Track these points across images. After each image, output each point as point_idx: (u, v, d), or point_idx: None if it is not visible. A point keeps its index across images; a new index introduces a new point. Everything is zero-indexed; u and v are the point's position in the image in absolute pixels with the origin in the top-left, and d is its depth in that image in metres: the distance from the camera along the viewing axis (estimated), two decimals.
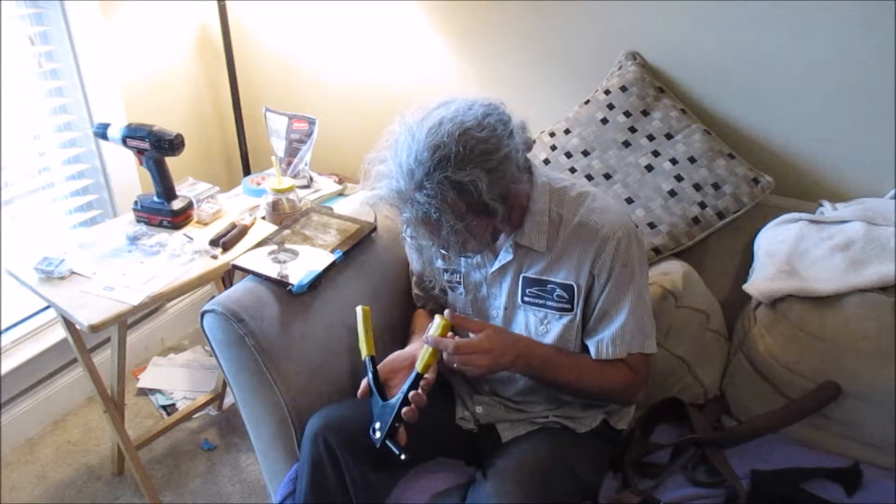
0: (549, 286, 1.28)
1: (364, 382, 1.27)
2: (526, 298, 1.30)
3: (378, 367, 1.28)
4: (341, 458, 1.25)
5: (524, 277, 1.29)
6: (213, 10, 2.10)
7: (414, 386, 1.21)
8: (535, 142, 1.19)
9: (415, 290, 1.52)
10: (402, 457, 1.19)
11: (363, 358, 1.29)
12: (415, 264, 1.48)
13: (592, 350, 1.28)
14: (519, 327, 1.33)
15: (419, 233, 1.18)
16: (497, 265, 1.31)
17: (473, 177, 1.10)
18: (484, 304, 1.37)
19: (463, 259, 1.36)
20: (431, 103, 1.18)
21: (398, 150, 1.14)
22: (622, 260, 1.23)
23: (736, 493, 1.27)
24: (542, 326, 1.30)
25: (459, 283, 1.39)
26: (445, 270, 1.41)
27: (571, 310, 1.27)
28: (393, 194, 1.14)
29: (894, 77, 1.53)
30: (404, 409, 1.20)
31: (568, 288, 1.26)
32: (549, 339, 1.29)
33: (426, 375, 1.22)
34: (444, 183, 1.09)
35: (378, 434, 1.21)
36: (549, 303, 1.28)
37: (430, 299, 1.50)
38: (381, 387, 1.26)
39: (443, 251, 1.24)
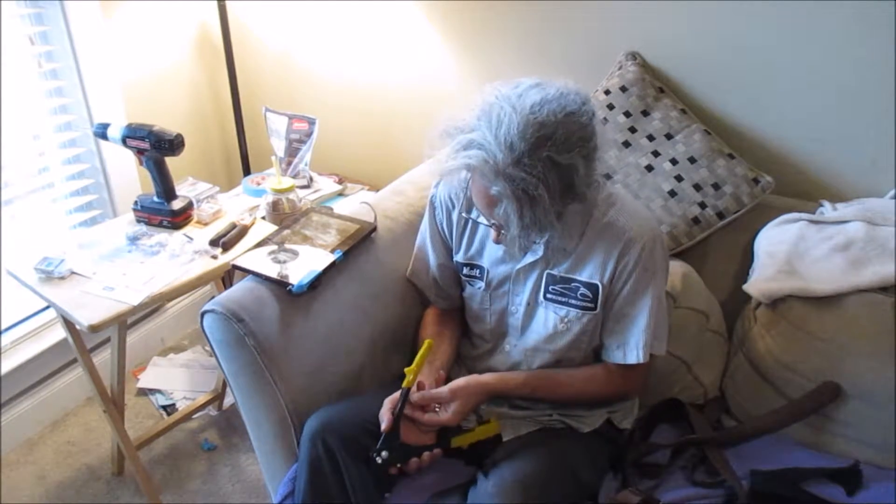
0: (573, 284, 1.28)
1: (392, 406, 1.25)
2: (549, 295, 1.31)
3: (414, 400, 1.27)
4: (340, 458, 1.25)
5: (549, 274, 1.30)
6: (213, 10, 2.10)
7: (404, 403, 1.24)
8: None
9: (427, 286, 1.51)
10: (387, 495, 1.22)
11: (403, 385, 1.25)
12: (432, 259, 1.48)
13: (618, 355, 1.30)
14: (538, 324, 1.33)
15: (505, 208, 1.13)
16: (525, 262, 1.31)
17: (574, 161, 1.10)
18: (503, 300, 1.37)
19: (486, 252, 1.37)
20: (524, 80, 1.15)
21: (495, 121, 1.10)
22: (645, 264, 1.24)
23: (736, 494, 1.27)
24: (563, 324, 1.30)
25: (479, 277, 1.39)
26: (465, 265, 1.41)
27: (594, 308, 1.28)
28: (486, 165, 1.10)
29: (894, 77, 1.53)
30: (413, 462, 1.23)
31: (592, 287, 1.27)
32: (568, 336, 1.31)
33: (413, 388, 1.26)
34: (547, 162, 1.08)
35: (379, 460, 1.21)
36: (573, 301, 1.29)
37: (444, 295, 1.50)
38: (398, 421, 1.25)
39: (513, 231, 1.18)
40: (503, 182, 1.10)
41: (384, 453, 1.21)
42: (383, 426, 1.23)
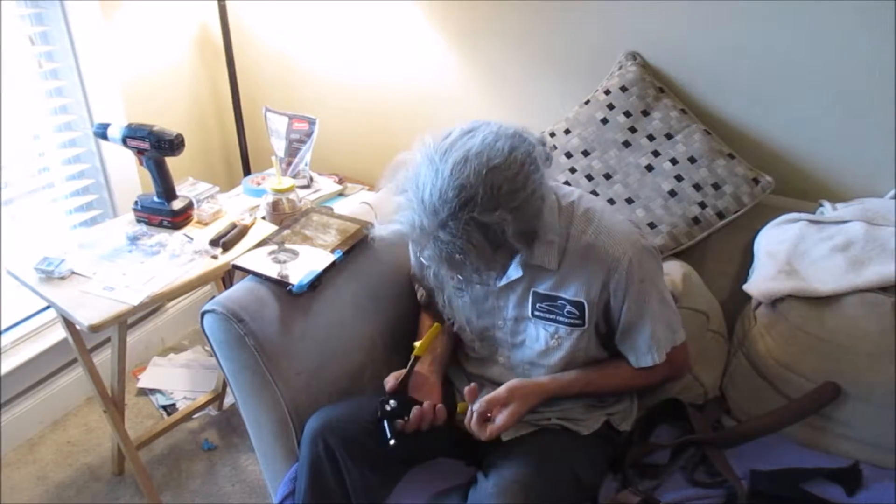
0: (559, 302, 1.28)
1: (397, 374, 1.30)
2: (537, 313, 1.30)
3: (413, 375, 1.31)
4: (340, 459, 1.25)
5: (535, 292, 1.29)
6: (213, 10, 2.10)
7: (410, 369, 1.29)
8: (554, 148, 1.18)
9: (420, 291, 1.52)
10: (391, 442, 1.22)
11: (413, 354, 1.32)
12: (417, 271, 1.49)
13: (632, 360, 1.31)
14: (531, 340, 1.33)
15: (436, 270, 1.19)
16: (505, 281, 1.30)
17: (500, 219, 1.07)
18: (489, 315, 1.36)
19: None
20: (454, 129, 1.13)
21: (420, 184, 1.09)
22: (638, 277, 1.24)
23: (736, 494, 1.27)
24: (554, 340, 1.30)
25: (465, 290, 1.39)
26: (451, 278, 1.40)
27: (583, 325, 1.28)
28: (414, 231, 1.10)
29: (894, 77, 1.53)
30: (414, 410, 1.24)
31: (578, 305, 1.26)
32: (560, 352, 1.30)
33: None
34: (471, 224, 1.06)
35: (388, 407, 1.25)
36: (560, 318, 1.29)
37: (432, 303, 1.50)
38: (407, 382, 1.30)
39: (459, 279, 1.27)
40: (432, 245, 1.11)
41: (392, 402, 1.24)
42: (388, 387, 1.26)
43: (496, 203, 1.06)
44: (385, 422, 1.23)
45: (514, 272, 1.28)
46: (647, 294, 1.25)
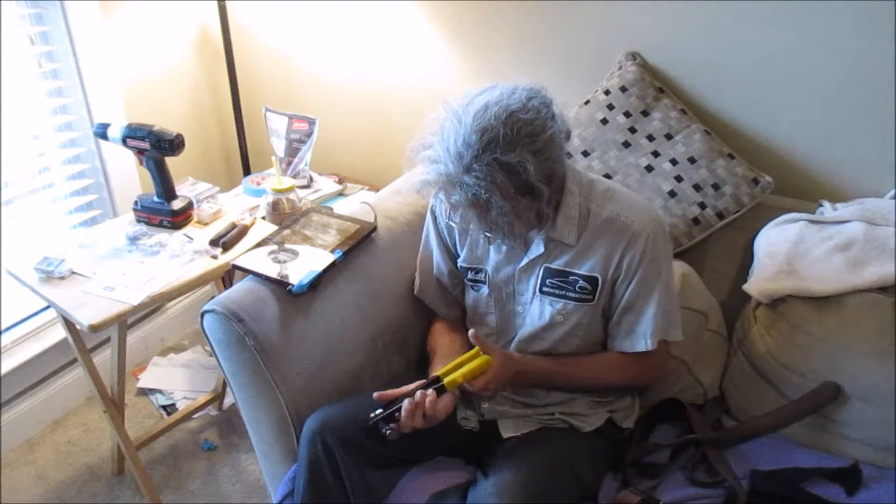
0: (571, 277, 1.29)
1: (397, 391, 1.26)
2: (545, 289, 1.31)
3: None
4: (339, 458, 1.25)
5: (546, 268, 1.31)
6: (213, 10, 2.10)
7: (428, 385, 1.23)
8: (570, 131, 1.23)
9: (436, 300, 1.51)
10: (387, 433, 1.20)
11: (434, 374, 1.26)
12: (443, 267, 1.48)
13: (626, 345, 1.31)
14: (533, 317, 1.34)
15: (468, 216, 1.20)
16: (527, 259, 1.32)
17: (521, 158, 1.12)
18: (508, 301, 1.38)
19: (490, 255, 1.37)
20: (474, 89, 1.19)
21: (445, 135, 1.15)
22: (650, 255, 1.25)
23: (735, 494, 1.27)
24: (560, 316, 1.31)
25: (483, 282, 1.39)
26: (469, 269, 1.41)
27: (592, 300, 1.29)
28: (441, 178, 1.15)
29: (894, 77, 1.53)
30: (405, 404, 1.19)
31: (592, 280, 1.28)
32: (566, 326, 1.31)
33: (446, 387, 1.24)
34: (493, 164, 1.11)
35: (373, 415, 1.21)
36: (570, 294, 1.30)
37: (455, 304, 1.50)
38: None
39: (488, 234, 1.27)
40: (459, 191, 1.15)
41: (378, 410, 1.22)
42: (378, 394, 1.23)
43: (517, 144, 1.11)
44: (378, 425, 1.20)
45: (536, 249, 1.30)
46: (655, 276, 1.27)
